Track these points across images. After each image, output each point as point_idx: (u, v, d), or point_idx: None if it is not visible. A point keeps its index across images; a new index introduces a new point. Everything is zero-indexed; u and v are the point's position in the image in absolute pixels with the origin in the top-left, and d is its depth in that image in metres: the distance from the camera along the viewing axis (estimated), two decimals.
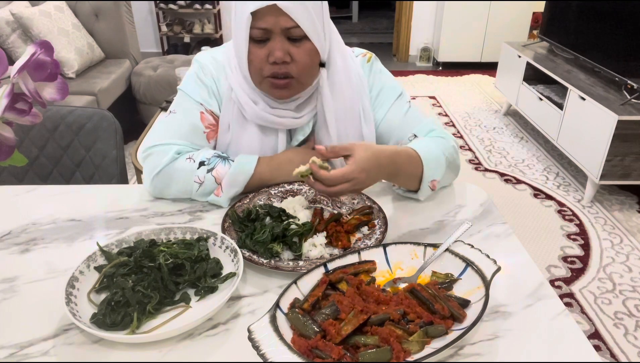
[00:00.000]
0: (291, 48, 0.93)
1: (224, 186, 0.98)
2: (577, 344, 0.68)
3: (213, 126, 1.06)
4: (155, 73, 3.24)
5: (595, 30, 2.96)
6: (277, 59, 0.92)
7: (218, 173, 0.98)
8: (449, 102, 4.16)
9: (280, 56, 0.92)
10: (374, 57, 1.12)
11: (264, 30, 0.91)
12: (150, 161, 1.00)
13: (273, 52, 0.92)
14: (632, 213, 2.60)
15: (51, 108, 1.39)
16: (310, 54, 0.95)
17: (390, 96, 1.10)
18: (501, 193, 2.80)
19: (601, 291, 2.06)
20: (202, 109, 1.04)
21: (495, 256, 0.75)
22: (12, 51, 2.93)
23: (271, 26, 0.90)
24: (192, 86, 1.05)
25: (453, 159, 1.04)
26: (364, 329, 0.66)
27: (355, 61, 1.10)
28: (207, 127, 1.05)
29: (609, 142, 2.43)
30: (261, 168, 1.01)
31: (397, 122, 1.09)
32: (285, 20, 0.89)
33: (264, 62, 0.94)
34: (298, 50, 0.94)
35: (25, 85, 0.65)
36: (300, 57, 0.94)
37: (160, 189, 1.01)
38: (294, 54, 0.93)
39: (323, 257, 0.84)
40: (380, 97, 1.10)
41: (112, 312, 0.69)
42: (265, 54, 0.93)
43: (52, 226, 0.94)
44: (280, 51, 0.92)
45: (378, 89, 1.10)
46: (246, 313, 0.74)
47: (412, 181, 0.99)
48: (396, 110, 1.09)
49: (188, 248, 0.80)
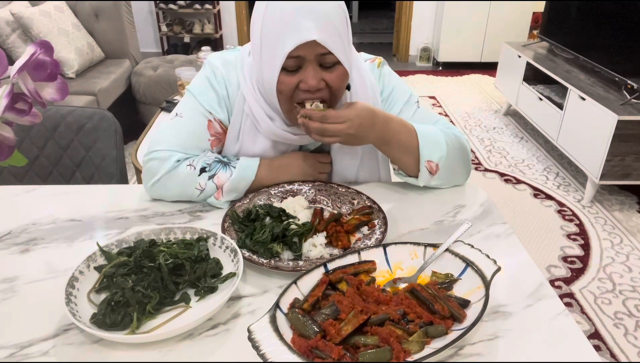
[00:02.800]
0: (325, 75, 0.91)
1: (224, 191, 0.98)
2: (577, 344, 0.68)
3: (219, 135, 1.04)
4: (155, 73, 3.24)
5: (595, 30, 2.96)
6: (312, 88, 0.90)
7: (219, 180, 0.98)
8: (449, 102, 4.16)
9: (314, 85, 0.90)
10: (383, 62, 1.12)
11: (297, 58, 0.88)
12: (150, 167, 0.99)
13: (307, 80, 0.90)
14: (632, 213, 2.60)
15: (51, 108, 1.39)
16: (342, 78, 0.94)
17: (401, 98, 1.10)
18: (501, 193, 2.80)
19: (601, 291, 2.06)
20: (211, 118, 1.02)
21: (495, 256, 0.75)
22: (12, 51, 2.93)
23: (305, 55, 0.88)
24: (202, 91, 1.02)
25: (460, 147, 1.03)
26: (364, 329, 0.66)
27: (366, 68, 1.09)
28: (212, 135, 1.03)
29: (609, 142, 2.43)
30: (261, 173, 1.01)
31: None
32: (319, 48, 0.87)
33: (294, 89, 0.92)
34: (331, 76, 0.92)
35: (25, 85, 0.65)
36: (335, 83, 0.92)
37: (159, 194, 1.01)
38: (329, 80, 0.92)
39: (323, 257, 0.84)
40: (390, 99, 1.10)
41: (112, 312, 0.69)
42: (296, 82, 0.91)
43: (52, 226, 0.94)
44: (314, 80, 0.89)
45: (388, 92, 1.10)
46: (246, 313, 0.74)
47: (407, 156, 0.99)
48: (406, 112, 1.09)
49: (188, 248, 0.80)
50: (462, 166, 1.06)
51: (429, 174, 1.00)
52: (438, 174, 1.01)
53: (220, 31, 5.02)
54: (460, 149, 1.04)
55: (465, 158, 1.06)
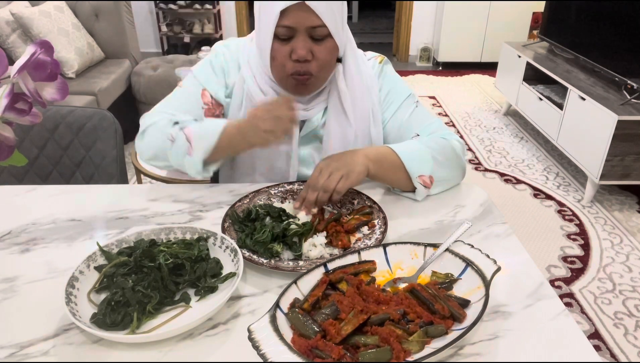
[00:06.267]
0: (314, 46, 0.95)
1: (193, 143, 0.96)
2: (577, 344, 0.68)
3: (212, 106, 1.09)
4: (155, 73, 3.24)
5: (595, 30, 2.96)
6: (300, 57, 0.94)
7: (189, 131, 0.97)
8: (449, 102, 4.16)
9: (303, 54, 0.94)
10: (386, 60, 1.14)
11: (289, 28, 0.93)
12: (142, 122, 1.05)
13: (296, 50, 0.94)
14: (632, 213, 2.60)
15: (51, 108, 1.39)
16: (332, 52, 0.98)
17: (400, 96, 1.11)
18: (501, 193, 2.80)
19: (601, 291, 2.06)
20: (205, 88, 1.08)
21: (495, 256, 0.75)
22: (12, 51, 2.93)
23: (297, 24, 0.92)
24: (201, 70, 1.09)
25: (450, 157, 1.03)
26: (364, 329, 0.66)
27: (367, 64, 1.11)
28: (205, 103, 1.08)
29: (609, 142, 2.43)
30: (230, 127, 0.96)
31: (403, 122, 1.10)
32: (311, 19, 0.91)
33: (286, 59, 0.96)
34: (320, 48, 0.95)
35: (25, 85, 0.65)
36: (322, 55, 0.96)
37: (142, 150, 1.05)
38: (316, 52, 0.95)
39: (323, 257, 0.84)
40: (389, 97, 1.11)
41: (112, 312, 0.69)
42: (288, 52, 0.95)
43: (52, 226, 0.94)
44: (303, 50, 0.94)
45: (387, 89, 1.11)
46: (246, 313, 0.74)
47: (400, 173, 0.99)
48: (403, 110, 1.10)
49: (188, 248, 0.80)
50: (455, 169, 1.05)
51: (425, 188, 1.00)
52: (434, 184, 1.01)
53: (220, 31, 5.02)
54: (450, 154, 1.03)
55: (457, 161, 1.05)
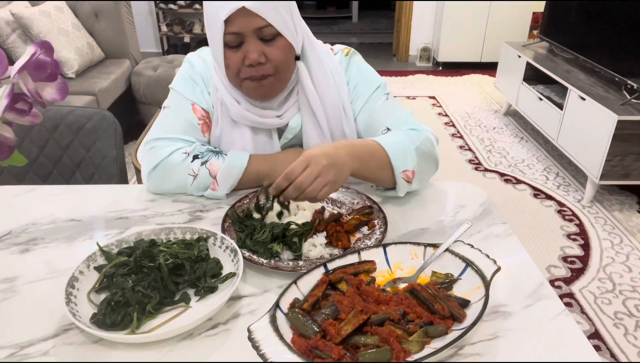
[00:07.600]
0: (265, 48, 0.94)
1: (219, 180, 0.99)
2: (577, 344, 0.68)
3: (206, 119, 1.07)
4: (155, 73, 3.24)
5: (595, 30, 2.96)
6: (253, 61, 0.93)
7: (212, 166, 0.99)
8: (449, 102, 4.16)
9: (255, 58, 0.93)
10: (352, 51, 1.11)
11: (237, 34, 0.92)
12: (148, 156, 1.01)
13: (248, 54, 0.93)
14: (632, 213, 2.60)
15: (51, 108, 1.39)
16: (285, 50, 0.96)
17: (368, 88, 1.08)
18: (501, 193, 2.80)
19: (601, 291, 2.06)
20: (194, 102, 1.05)
21: (495, 256, 0.75)
22: (12, 51, 2.93)
23: (243, 29, 0.91)
24: (181, 84, 1.07)
25: (428, 150, 1.01)
26: (364, 329, 0.66)
27: (333, 58, 1.08)
28: (200, 119, 1.06)
29: (609, 142, 2.43)
30: (257, 163, 1.01)
31: (372, 114, 1.07)
32: (256, 21, 0.90)
33: (240, 65, 0.95)
34: (272, 49, 0.94)
35: (25, 85, 0.65)
36: (275, 55, 0.95)
37: (156, 184, 1.02)
38: (269, 54, 0.94)
39: (323, 257, 0.84)
40: (357, 89, 1.09)
41: (112, 312, 0.69)
42: (241, 58, 0.95)
43: (52, 226, 0.94)
44: (254, 53, 0.93)
45: (356, 81, 1.09)
46: (246, 313, 0.74)
47: (383, 171, 0.96)
48: (373, 102, 1.08)
49: (188, 248, 0.80)
50: (432, 163, 1.04)
51: (407, 183, 0.98)
52: (414, 179, 0.99)
53: None
54: (430, 151, 1.02)
55: (434, 156, 1.04)
